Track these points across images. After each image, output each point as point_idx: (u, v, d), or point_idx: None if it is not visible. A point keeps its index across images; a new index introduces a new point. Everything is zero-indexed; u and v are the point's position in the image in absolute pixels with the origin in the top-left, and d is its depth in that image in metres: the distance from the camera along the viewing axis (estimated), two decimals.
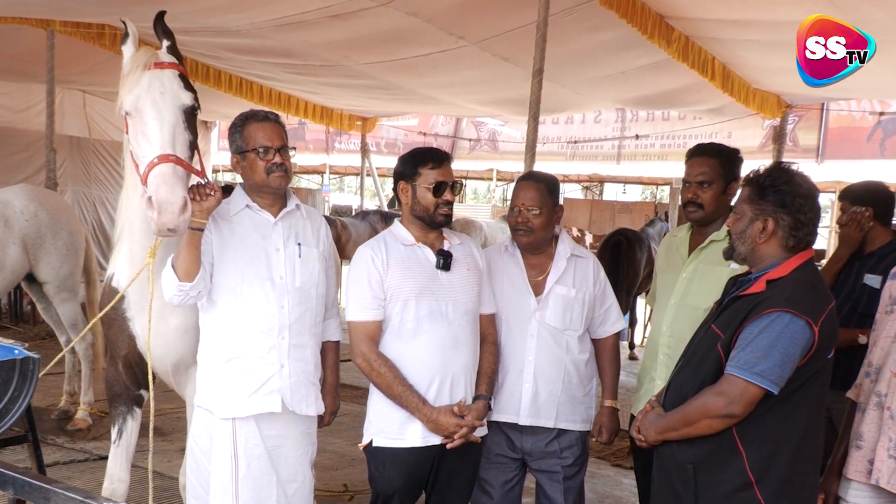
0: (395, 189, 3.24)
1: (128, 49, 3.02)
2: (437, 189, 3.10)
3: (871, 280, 3.90)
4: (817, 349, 2.48)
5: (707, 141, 3.82)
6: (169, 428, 5.82)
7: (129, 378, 3.43)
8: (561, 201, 3.49)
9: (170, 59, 3.02)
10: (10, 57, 9.41)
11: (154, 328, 3.16)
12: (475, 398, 3.17)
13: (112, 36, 8.42)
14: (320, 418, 3.28)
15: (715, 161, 3.36)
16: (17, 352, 3.03)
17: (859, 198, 4.14)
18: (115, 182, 12.36)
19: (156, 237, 3.01)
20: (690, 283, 3.37)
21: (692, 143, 3.66)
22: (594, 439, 3.46)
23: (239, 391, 3.02)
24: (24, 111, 10.99)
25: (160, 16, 3.04)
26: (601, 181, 20.79)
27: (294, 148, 3.17)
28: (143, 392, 3.46)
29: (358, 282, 3.11)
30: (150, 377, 3.25)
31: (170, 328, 3.23)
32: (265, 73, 10.12)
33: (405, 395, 3.04)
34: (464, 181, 22.01)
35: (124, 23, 3.07)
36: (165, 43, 3.04)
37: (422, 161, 3.14)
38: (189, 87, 3.00)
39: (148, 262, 3.05)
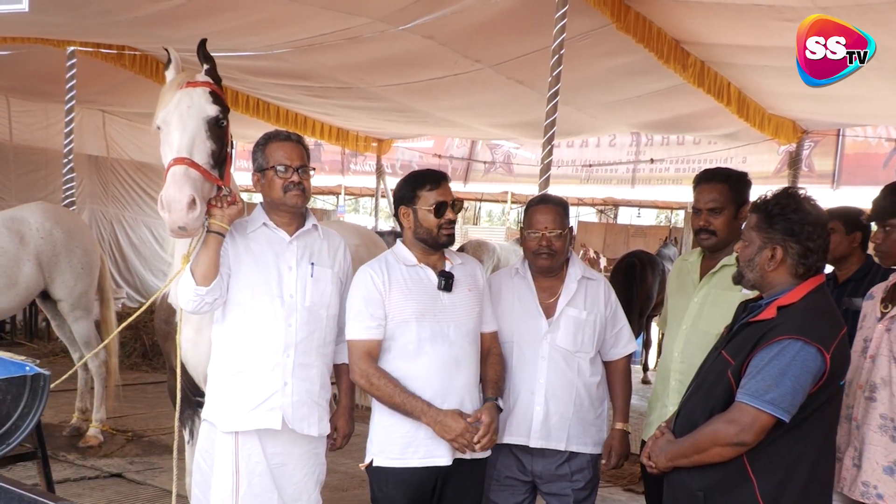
0: (395, 215, 3.25)
1: (170, 73, 3.23)
2: (438, 210, 3.10)
3: (858, 302, 3.87)
4: (829, 376, 2.46)
5: (722, 165, 3.80)
6: (182, 446, 5.83)
7: (188, 386, 3.49)
8: (573, 224, 3.49)
9: (205, 79, 3.17)
10: (31, 76, 9.53)
11: (192, 339, 3.28)
12: (484, 401, 3.15)
13: (132, 57, 8.54)
14: (333, 440, 3.28)
15: (724, 186, 3.33)
16: (28, 368, 3.06)
17: (851, 221, 4.08)
18: (132, 201, 12.45)
19: (189, 244, 3.10)
20: (702, 307, 3.34)
21: (707, 168, 3.65)
22: (603, 462, 3.43)
23: (241, 405, 3.04)
24: (44, 129, 11.09)
25: (202, 44, 3.24)
26: (615, 205, 20.78)
27: (314, 168, 3.22)
28: (199, 398, 3.51)
29: (357, 301, 3.12)
30: (178, 390, 3.29)
31: (204, 339, 3.29)
32: (281, 94, 10.19)
33: (408, 403, 3.02)
34: (478, 202, 22.05)
35: (167, 50, 3.27)
36: (205, 67, 3.21)
37: (419, 184, 3.15)
38: (218, 102, 3.13)
39: (182, 269, 3.10)
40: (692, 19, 6.44)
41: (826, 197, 12.38)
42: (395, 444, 3.09)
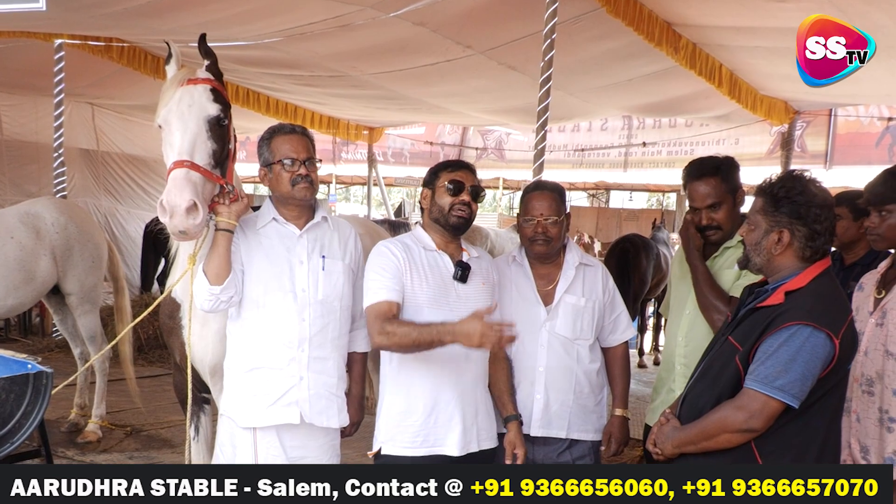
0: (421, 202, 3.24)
1: (171, 68, 3.19)
2: (453, 188, 3.08)
3: None
4: (838, 362, 2.45)
5: (713, 150, 3.77)
6: (179, 440, 5.83)
7: (194, 382, 3.45)
8: (567, 209, 3.48)
9: (205, 75, 3.14)
10: (19, 71, 9.47)
11: (198, 332, 3.28)
12: (506, 420, 3.18)
13: (119, 49, 8.50)
14: (344, 429, 3.28)
15: (716, 180, 3.25)
16: (30, 366, 3.05)
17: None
18: (125, 194, 12.40)
19: (195, 244, 3.10)
20: None
21: (699, 150, 3.62)
22: (603, 448, 3.42)
23: (259, 401, 3.05)
24: (33, 123, 11.04)
25: (202, 38, 3.21)
26: (608, 189, 20.77)
27: (321, 160, 3.20)
28: (205, 395, 3.56)
29: (376, 270, 3.03)
30: (188, 390, 3.27)
31: (210, 331, 3.30)
32: (272, 84, 10.15)
33: (425, 333, 2.85)
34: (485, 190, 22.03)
35: (167, 43, 3.23)
36: (206, 62, 3.18)
37: (443, 167, 3.17)
38: (219, 100, 3.10)
39: (188, 269, 3.11)
40: (683, 1, 6.43)
41: (819, 177, 12.40)
42: (406, 432, 3.06)
